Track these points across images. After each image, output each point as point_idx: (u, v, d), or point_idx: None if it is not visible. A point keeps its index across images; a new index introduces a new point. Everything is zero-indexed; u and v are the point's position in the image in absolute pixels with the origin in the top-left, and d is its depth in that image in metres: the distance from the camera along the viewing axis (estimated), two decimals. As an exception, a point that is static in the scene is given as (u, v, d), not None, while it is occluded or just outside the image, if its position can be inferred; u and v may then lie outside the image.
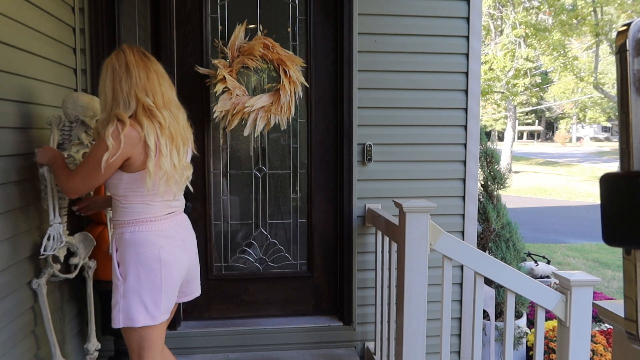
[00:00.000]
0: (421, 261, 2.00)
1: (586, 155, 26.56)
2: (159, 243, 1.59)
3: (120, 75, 1.56)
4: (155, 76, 1.62)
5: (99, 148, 1.52)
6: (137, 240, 1.57)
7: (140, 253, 1.57)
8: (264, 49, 2.61)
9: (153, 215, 1.60)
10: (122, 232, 1.60)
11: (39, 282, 1.95)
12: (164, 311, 1.62)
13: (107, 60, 1.63)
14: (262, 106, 2.65)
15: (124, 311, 1.57)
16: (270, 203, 2.81)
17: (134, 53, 1.61)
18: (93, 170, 1.54)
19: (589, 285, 1.90)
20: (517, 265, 3.64)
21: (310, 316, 2.83)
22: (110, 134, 1.49)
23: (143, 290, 1.57)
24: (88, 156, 1.58)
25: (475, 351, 2.05)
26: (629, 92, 0.59)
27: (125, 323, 1.57)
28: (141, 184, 1.56)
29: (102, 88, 1.61)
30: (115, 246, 1.62)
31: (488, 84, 14.83)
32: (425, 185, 2.77)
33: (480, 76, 3.37)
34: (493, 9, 15.63)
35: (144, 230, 1.58)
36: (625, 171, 0.60)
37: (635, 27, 0.58)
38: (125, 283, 1.58)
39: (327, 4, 2.71)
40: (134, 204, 1.59)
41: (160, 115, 1.57)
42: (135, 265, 1.57)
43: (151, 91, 1.58)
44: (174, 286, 1.65)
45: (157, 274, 1.58)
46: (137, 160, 1.55)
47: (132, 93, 1.56)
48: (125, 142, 1.51)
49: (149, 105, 1.56)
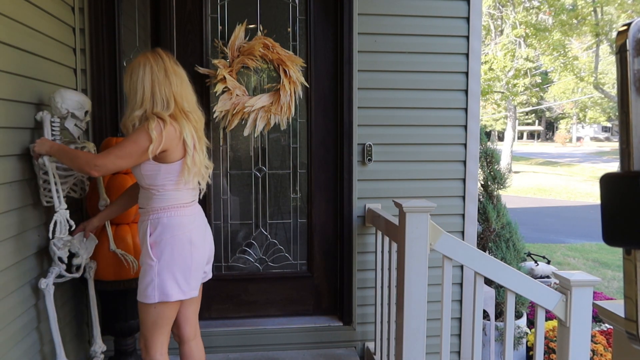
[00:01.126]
0: (421, 261, 2.00)
1: (586, 155, 26.56)
2: (190, 226, 1.80)
3: (159, 79, 1.75)
4: (187, 84, 1.85)
5: (142, 138, 1.68)
6: (173, 224, 1.76)
7: (175, 235, 1.75)
8: (264, 49, 2.61)
9: (184, 202, 1.80)
10: (159, 217, 1.77)
11: (47, 282, 1.95)
12: (192, 287, 1.81)
13: (142, 60, 1.78)
14: (262, 106, 2.65)
15: (159, 287, 1.73)
16: (270, 203, 2.81)
17: (170, 60, 1.81)
18: (129, 155, 1.70)
19: (589, 285, 1.90)
20: (517, 265, 3.64)
21: (310, 316, 2.83)
22: (154, 127, 1.67)
23: (176, 268, 1.75)
24: (127, 141, 1.72)
25: (475, 351, 2.05)
26: (629, 92, 0.59)
27: (161, 298, 1.74)
28: (176, 174, 1.76)
29: (135, 85, 1.76)
30: (149, 231, 1.77)
31: (488, 84, 14.82)
32: (425, 185, 2.77)
33: (480, 76, 3.37)
34: (493, 9, 15.62)
35: (179, 215, 1.78)
36: (625, 171, 0.60)
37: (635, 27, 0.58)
38: (160, 262, 1.74)
39: (327, 4, 2.71)
40: (169, 191, 1.77)
41: (193, 118, 1.81)
42: (171, 246, 1.75)
43: (185, 97, 1.81)
44: (201, 265, 1.85)
45: (188, 254, 1.77)
46: (172, 153, 1.73)
47: (172, 97, 1.76)
48: (166, 136, 1.70)
49: (185, 110, 1.79)
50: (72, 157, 1.81)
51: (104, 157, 1.74)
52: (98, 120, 2.47)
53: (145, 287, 1.75)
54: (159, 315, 1.78)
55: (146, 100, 1.74)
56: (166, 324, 1.82)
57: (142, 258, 1.80)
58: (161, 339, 1.82)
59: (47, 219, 2.06)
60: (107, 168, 1.76)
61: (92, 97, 2.42)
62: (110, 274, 2.20)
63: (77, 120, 2.04)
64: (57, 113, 1.98)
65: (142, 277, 1.78)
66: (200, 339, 2.04)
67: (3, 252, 1.75)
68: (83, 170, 1.78)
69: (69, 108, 1.99)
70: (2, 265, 1.74)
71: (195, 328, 1.99)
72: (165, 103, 1.75)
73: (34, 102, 1.98)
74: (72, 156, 1.82)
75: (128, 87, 1.78)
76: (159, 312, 1.77)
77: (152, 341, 1.81)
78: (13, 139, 1.83)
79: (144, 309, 1.79)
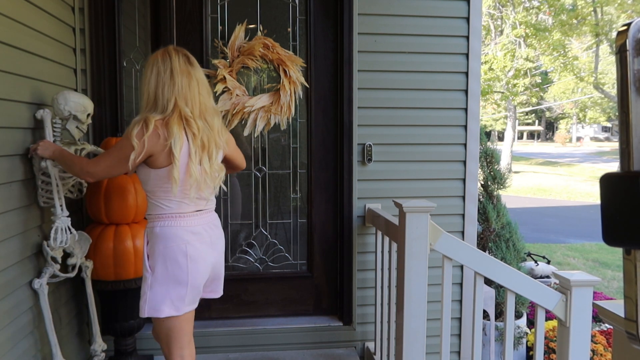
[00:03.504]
0: (421, 261, 2.00)
1: (586, 155, 26.55)
2: (187, 238, 1.67)
3: (164, 80, 1.64)
4: (196, 84, 1.69)
5: (125, 146, 1.60)
6: (166, 235, 1.66)
7: (168, 247, 1.65)
8: (264, 49, 2.62)
9: (182, 212, 1.68)
10: (152, 226, 1.69)
11: (41, 282, 1.95)
12: (187, 303, 1.70)
13: (152, 60, 1.70)
14: (262, 106, 2.65)
15: (150, 302, 1.65)
16: (271, 203, 2.81)
17: (180, 58, 1.69)
18: (118, 163, 1.64)
19: (589, 285, 1.90)
20: (517, 265, 3.64)
21: (310, 316, 2.83)
22: (135, 134, 1.58)
23: (169, 282, 1.65)
24: (113, 149, 1.67)
25: (475, 351, 2.05)
26: (629, 92, 0.59)
27: (150, 313, 1.66)
28: (167, 182, 1.64)
29: (145, 87, 1.68)
30: (146, 239, 1.72)
31: (488, 84, 14.81)
32: (425, 185, 2.77)
33: (480, 76, 3.37)
34: (493, 9, 15.62)
35: (173, 225, 1.67)
36: (625, 171, 0.60)
37: (635, 27, 0.58)
38: (154, 275, 1.66)
39: (327, 4, 2.71)
40: (162, 199, 1.67)
41: (195, 126, 1.64)
42: (163, 258, 1.65)
43: (190, 100, 1.66)
44: (199, 281, 1.72)
45: (184, 268, 1.65)
46: (159, 158, 1.62)
47: (173, 99, 1.63)
48: (148, 143, 1.59)
49: (186, 115, 1.64)
50: (70, 163, 1.79)
51: (96, 164, 1.70)
52: (98, 121, 2.47)
53: (140, 298, 1.70)
54: (169, 329, 1.72)
55: (149, 102, 1.66)
56: (182, 335, 1.74)
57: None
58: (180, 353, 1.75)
59: (47, 219, 2.06)
60: (99, 175, 1.73)
61: (92, 97, 2.42)
62: (110, 274, 2.20)
63: (79, 123, 2.04)
64: (59, 114, 1.98)
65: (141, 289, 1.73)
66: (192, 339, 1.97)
67: (3, 252, 1.75)
68: (78, 176, 1.78)
69: (72, 110, 1.98)
70: (1, 266, 1.74)
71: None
72: (165, 106, 1.63)
73: (35, 102, 1.98)
74: (69, 162, 1.80)
75: (140, 87, 1.73)
76: (169, 325, 1.71)
77: (171, 353, 1.76)
78: (13, 139, 1.83)
79: (155, 322, 1.75)
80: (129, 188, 2.23)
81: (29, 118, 1.94)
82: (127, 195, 2.23)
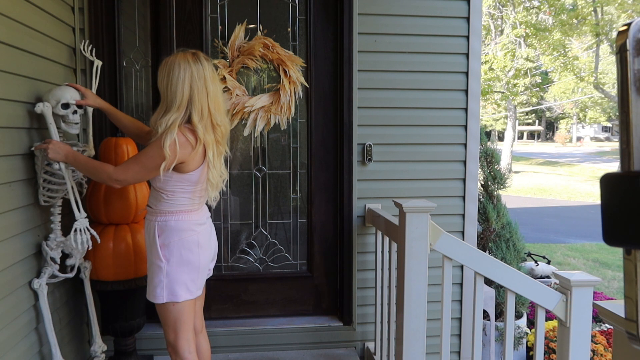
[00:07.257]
0: (421, 261, 2.00)
1: (586, 155, 26.56)
2: (197, 229, 1.83)
3: (199, 87, 1.72)
4: (221, 92, 1.82)
5: (157, 156, 1.68)
6: (181, 227, 1.79)
7: (183, 238, 1.79)
8: (264, 49, 2.62)
9: (192, 207, 1.83)
10: (166, 219, 1.79)
11: (40, 282, 1.95)
12: (199, 286, 1.87)
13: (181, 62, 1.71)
14: (262, 106, 2.65)
15: (167, 288, 1.77)
16: (270, 203, 2.81)
17: (210, 67, 1.77)
18: (148, 172, 1.74)
19: (589, 285, 1.90)
20: (517, 265, 3.64)
21: (310, 316, 2.83)
22: (168, 146, 1.66)
23: (184, 270, 1.79)
24: (143, 156, 1.73)
25: (475, 351, 2.05)
26: (629, 92, 0.59)
27: (169, 298, 1.78)
28: (188, 183, 1.77)
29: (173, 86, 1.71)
30: (157, 232, 1.79)
31: (488, 84, 14.82)
32: (425, 185, 2.76)
33: (480, 76, 3.37)
34: (493, 8, 15.62)
35: (186, 219, 1.80)
36: (625, 171, 0.60)
37: (635, 27, 0.58)
38: (169, 264, 1.77)
39: (327, 4, 2.71)
40: (179, 197, 1.79)
41: (219, 132, 1.79)
42: (179, 249, 1.78)
43: (218, 108, 1.78)
44: (206, 265, 1.90)
45: (196, 256, 1.81)
46: (189, 165, 1.74)
47: (206, 107, 1.73)
48: (182, 152, 1.69)
49: (217, 123, 1.77)
50: (92, 170, 1.84)
51: (125, 172, 1.77)
52: (98, 121, 2.46)
53: (154, 287, 1.79)
54: (179, 312, 1.81)
55: (182, 106, 1.71)
56: (188, 320, 1.84)
57: (150, 257, 1.82)
58: (186, 336, 1.84)
59: (47, 218, 2.06)
60: (128, 182, 1.85)
61: (92, 97, 2.41)
62: (110, 275, 2.20)
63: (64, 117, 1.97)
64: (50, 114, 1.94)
65: (150, 277, 1.82)
66: (206, 332, 2.09)
67: (3, 252, 1.75)
68: (105, 183, 1.85)
69: (52, 107, 1.92)
70: (1, 266, 1.74)
71: (202, 321, 2.04)
72: (200, 113, 1.72)
73: (34, 102, 1.97)
74: (91, 169, 1.84)
75: (165, 85, 1.73)
76: (178, 309, 1.80)
77: (179, 341, 1.83)
78: (13, 138, 1.83)
79: (163, 310, 1.81)
80: (129, 188, 2.23)
81: (29, 118, 1.94)
82: (126, 196, 2.23)
